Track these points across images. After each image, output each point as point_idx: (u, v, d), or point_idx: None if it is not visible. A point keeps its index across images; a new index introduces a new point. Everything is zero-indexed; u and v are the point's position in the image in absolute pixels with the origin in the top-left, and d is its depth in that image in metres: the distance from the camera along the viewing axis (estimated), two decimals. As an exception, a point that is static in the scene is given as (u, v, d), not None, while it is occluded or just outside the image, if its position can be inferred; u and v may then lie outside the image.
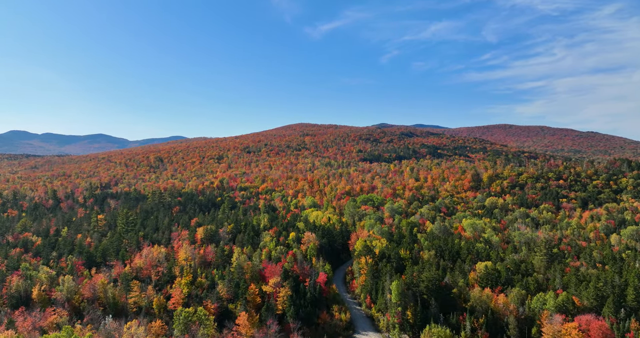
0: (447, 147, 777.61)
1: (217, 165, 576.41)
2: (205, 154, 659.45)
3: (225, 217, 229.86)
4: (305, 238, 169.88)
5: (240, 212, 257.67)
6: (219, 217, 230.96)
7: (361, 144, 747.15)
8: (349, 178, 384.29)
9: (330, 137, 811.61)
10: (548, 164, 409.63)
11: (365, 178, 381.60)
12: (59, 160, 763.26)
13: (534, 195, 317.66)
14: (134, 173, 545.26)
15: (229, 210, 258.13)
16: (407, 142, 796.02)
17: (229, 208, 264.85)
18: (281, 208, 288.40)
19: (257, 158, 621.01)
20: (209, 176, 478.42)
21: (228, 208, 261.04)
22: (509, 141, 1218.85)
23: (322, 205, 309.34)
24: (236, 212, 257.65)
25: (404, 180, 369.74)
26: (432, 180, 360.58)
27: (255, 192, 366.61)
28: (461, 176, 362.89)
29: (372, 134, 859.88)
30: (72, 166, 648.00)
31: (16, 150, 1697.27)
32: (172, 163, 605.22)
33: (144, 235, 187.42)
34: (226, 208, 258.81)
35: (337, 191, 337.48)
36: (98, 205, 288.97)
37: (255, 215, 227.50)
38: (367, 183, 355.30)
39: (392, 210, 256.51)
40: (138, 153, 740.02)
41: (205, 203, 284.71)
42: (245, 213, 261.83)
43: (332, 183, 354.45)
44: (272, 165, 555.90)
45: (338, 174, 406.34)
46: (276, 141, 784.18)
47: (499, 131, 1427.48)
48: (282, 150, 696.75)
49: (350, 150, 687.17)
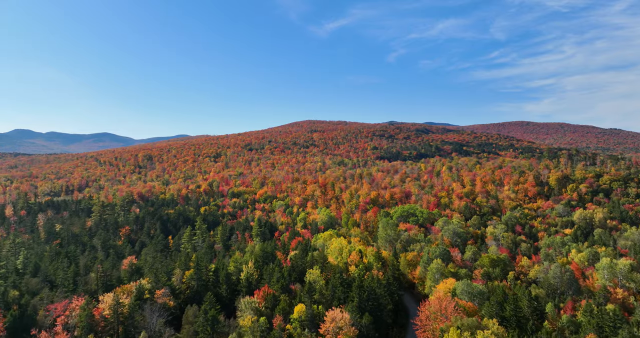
0: (470, 143, 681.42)
1: (212, 164, 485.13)
2: (201, 151, 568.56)
3: (185, 255, 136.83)
4: (329, 320, 77.11)
5: (219, 235, 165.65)
6: (178, 255, 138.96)
7: (375, 141, 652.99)
8: (371, 181, 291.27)
9: (341, 133, 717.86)
10: (627, 163, 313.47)
11: (394, 180, 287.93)
12: (43, 159, 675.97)
13: (630, 204, 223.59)
14: (115, 173, 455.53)
15: (203, 232, 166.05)
16: (425, 138, 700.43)
17: (206, 228, 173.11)
18: (283, 226, 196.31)
19: (259, 156, 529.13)
20: (199, 177, 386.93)
21: (203, 228, 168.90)
22: (528, 138, 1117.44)
23: (340, 219, 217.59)
24: (211, 237, 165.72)
25: (444, 184, 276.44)
26: (482, 184, 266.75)
27: (252, 199, 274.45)
28: (519, 179, 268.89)
29: (387, 130, 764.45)
30: (52, 165, 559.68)
31: (18, 149, 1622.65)
32: (162, 162, 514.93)
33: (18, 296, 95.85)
34: (201, 227, 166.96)
35: (359, 199, 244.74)
36: (31, 218, 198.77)
37: (234, 255, 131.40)
38: (398, 188, 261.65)
39: (454, 233, 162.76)
40: (129, 151, 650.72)
41: (175, 220, 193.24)
42: (229, 236, 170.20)
43: (352, 188, 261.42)
44: (276, 164, 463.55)
45: (357, 176, 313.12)
46: (281, 138, 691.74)
47: (515, 128, 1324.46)
48: (287, 147, 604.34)
49: (364, 147, 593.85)
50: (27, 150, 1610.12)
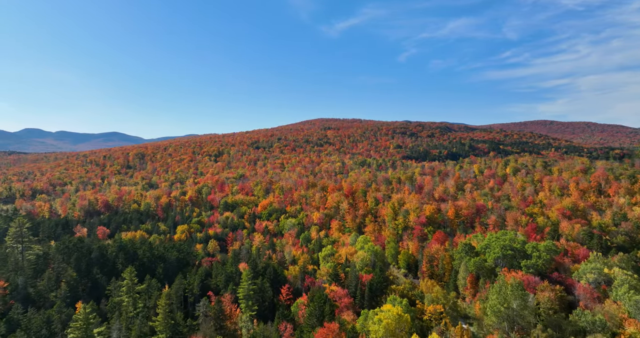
0: (503, 142, 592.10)
1: (212, 164, 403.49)
2: (200, 150, 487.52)
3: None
4: None
5: (175, 294, 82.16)
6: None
7: (398, 139, 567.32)
8: (417, 189, 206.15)
9: (358, 131, 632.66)
10: None
11: (448, 189, 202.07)
12: (30, 158, 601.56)
13: None
14: (95, 174, 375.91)
15: (134, 300, 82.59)
16: (451, 136, 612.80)
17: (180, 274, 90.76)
18: (297, 268, 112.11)
19: (266, 155, 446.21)
20: (190, 180, 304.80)
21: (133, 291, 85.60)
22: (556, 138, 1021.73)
23: (384, 249, 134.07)
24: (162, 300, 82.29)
25: (522, 193, 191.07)
26: (579, 193, 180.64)
27: (251, 213, 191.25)
28: (632, 187, 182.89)
29: (408, 127, 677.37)
30: (33, 166, 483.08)
31: (27, 148, 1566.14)
32: (154, 161, 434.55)
33: None
34: (130, 289, 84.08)
35: (408, 216, 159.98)
36: None
37: None
38: (463, 200, 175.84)
39: None
40: (121, 149, 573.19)
41: (130, 256, 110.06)
42: (197, 298, 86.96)
43: (394, 200, 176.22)
44: (286, 164, 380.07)
45: (395, 180, 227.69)
46: (292, 135, 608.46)
47: (538, 128, 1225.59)
48: (299, 145, 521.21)
49: (386, 146, 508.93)
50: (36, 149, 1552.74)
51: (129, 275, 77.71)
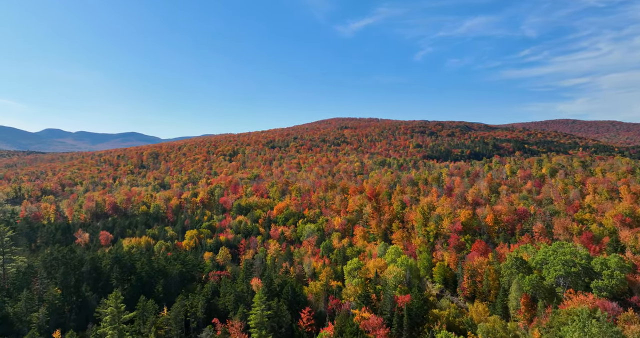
0: (527, 141, 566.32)
1: (226, 163, 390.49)
2: (215, 149, 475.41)
3: None
4: None
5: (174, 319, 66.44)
6: None
7: (417, 138, 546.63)
8: (445, 190, 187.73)
9: (375, 130, 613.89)
10: None
11: (481, 191, 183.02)
12: (46, 158, 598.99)
13: None
14: (108, 174, 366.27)
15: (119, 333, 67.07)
16: (472, 136, 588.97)
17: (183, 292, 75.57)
18: (319, 285, 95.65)
19: (282, 155, 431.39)
20: (203, 181, 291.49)
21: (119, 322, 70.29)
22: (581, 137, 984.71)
23: (417, 259, 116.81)
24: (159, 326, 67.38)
25: (564, 196, 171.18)
26: (631, 197, 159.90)
27: (265, 217, 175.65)
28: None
29: (427, 126, 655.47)
30: (45, 165, 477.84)
31: (47, 148, 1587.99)
32: (168, 161, 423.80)
33: None
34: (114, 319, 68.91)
35: (440, 223, 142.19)
36: None
37: None
38: (501, 205, 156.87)
39: None
40: (136, 149, 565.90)
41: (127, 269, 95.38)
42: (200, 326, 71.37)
43: (423, 204, 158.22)
44: (302, 164, 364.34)
45: (421, 181, 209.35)
46: (308, 135, 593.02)
47: (561, 127, 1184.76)
48: (316, 145, 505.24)
49: (405, 145, 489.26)
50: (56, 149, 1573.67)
51: (114, 301, 62.32)
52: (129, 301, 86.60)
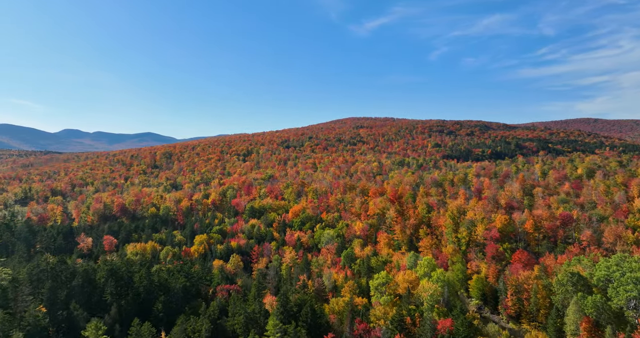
0: (550, 140, 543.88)
1: (240, 163, 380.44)
2: (229, 149, 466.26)
3: None
4: None
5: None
6: None
7: (435, 137, 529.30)
8: (474, 192, 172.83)
9: (392, 129, 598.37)
10: None
11: (513, 193, 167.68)
12: (62, 158, 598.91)
13: None
14: (120, 174, 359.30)
15: None
16: (492, 135, 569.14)
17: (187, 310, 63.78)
18: (342, 302, 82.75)
19: (297, 154, 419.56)
20: (216, 181, 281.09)
21: None
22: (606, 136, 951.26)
23: (450, 270, 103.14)
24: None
25: (608, 199, 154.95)
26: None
27: (280, 221, 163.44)
28: None
29: (445, 125, 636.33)
30: (60, 165, 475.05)
31: (66, 148, 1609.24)
32: (181, 161, 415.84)
33: None
34: None
35: (474, 230, 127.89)
36: None
37: None
38: (542, 210, 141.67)
39: None
40: (150, 149, 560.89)
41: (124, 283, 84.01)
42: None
43: (453, 207, 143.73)
44: (318, 164, 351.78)
45: (447, 182, 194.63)
46: (323, 134, 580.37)
47: (583, 126, 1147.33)
48: (331, 144, 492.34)
49: (423, 145, 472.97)
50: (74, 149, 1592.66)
51: (94, 332, 50.44)
52: (125, 320, 75.06)
